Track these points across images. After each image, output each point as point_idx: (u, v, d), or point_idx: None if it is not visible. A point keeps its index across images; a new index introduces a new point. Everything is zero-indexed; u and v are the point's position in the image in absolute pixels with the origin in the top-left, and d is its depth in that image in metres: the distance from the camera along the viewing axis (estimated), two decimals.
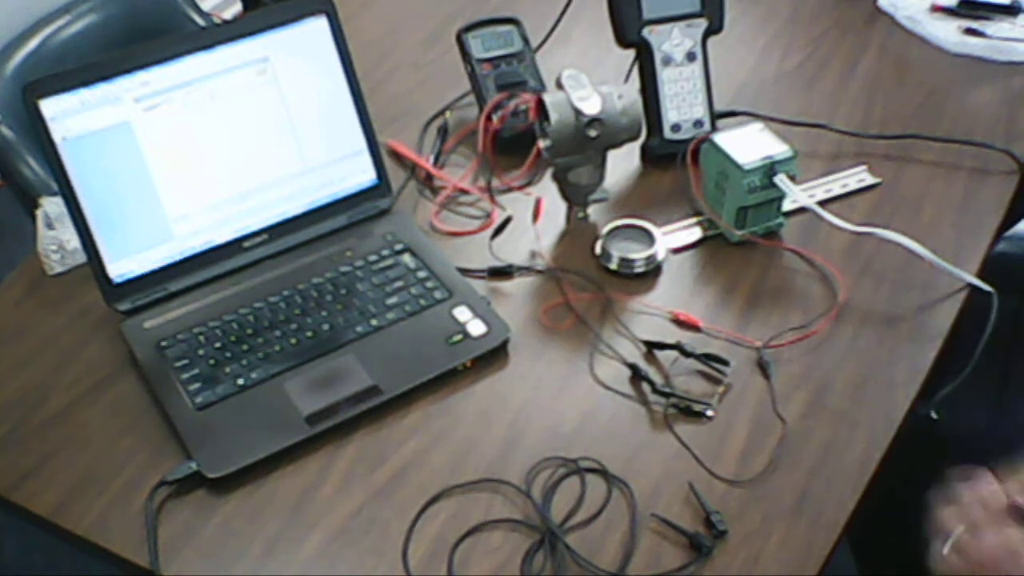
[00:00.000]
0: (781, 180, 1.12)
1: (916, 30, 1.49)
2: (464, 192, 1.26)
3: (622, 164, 1.27)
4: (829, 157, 1.29)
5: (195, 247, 1.13)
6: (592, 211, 1.22)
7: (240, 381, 1.03)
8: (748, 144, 1.13)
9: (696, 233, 1.19)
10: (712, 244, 1.19)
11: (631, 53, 1.28)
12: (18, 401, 1.05)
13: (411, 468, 0.98)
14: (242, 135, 1.13)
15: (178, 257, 1.12)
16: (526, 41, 1.34)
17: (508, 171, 1.25)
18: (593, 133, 1.13)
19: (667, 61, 1.26)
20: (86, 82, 1.04)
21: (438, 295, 1.11)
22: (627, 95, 1.15)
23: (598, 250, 1.17)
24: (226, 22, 2.19)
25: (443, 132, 1.34)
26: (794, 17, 1.54)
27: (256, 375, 1.04)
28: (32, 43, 1.58)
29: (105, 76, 1.05)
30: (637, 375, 1.04)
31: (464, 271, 1.15)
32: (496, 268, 1.16)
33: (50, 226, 1.18)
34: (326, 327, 1.08)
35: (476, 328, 1.07)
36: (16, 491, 0.97)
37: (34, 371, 1.08)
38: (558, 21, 1.42)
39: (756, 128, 1.16)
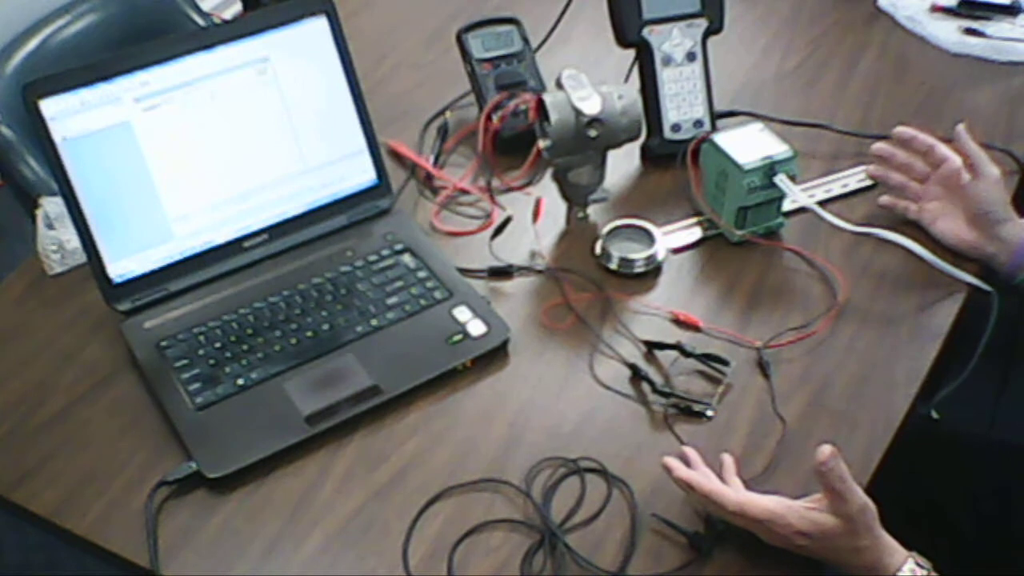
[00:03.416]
0: (781, 180, 1.12)
1: (916, 30, 1.49)
2: (464, 192, 1.26)
3: (622, 164, 1.27)
4: (829, 157, 1.29)
5: (195, 247, 1.13)
6: (592, 211, 1.22)
7: (240, 381, 1.03)
8: (748, 144, 1.13)
9: (696, 233, 1.19)
10: (712, 244, 1.19)
11: (631, 53, 1.28)
12: (18, 401, 1.05)
13: (411, 468, 0.98)
14: (242, 135, 1.13)
15: (178, 257, 1.12)
16: (526, 41, 1.34)
17: (508, 171, 1.25)
18: (593, 133, 1.13)
19: (667, 61, 1.26)
20: (86, 82, 1.04)
21: (438, 295, 1.11)
22: (627, 95, 1.15)
23: (598, 250, 1.17)
24: (226, 22, 2.19)
25: (443, 132, 1.34)
26: (794, 17, 1.54)
27: (256, 375, 1.04)
28: (32, 43, 1.58)
29: (105, 76, 1.05)
30: (637, 375, 1.04)
31: (464, 271, 1.15)
32: (496, 268, 1.16)
33: (50, 226, 1.18)
34: (326, 327, 1.08)
35: (476, 328, 1.07)
36: (16, 491, 0.97)
37: (34, 371, 1.08)
38: (558, 21, 1.42)
39: (756, 128, 1.16)
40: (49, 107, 1.03)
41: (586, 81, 1.15)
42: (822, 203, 1.18)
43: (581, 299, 1.13)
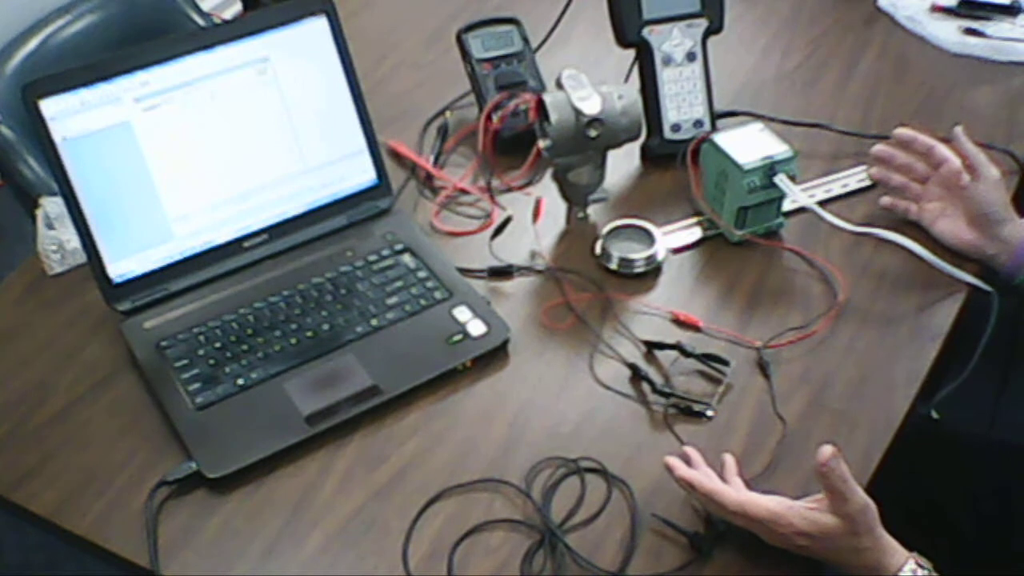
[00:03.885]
0: (781, 180, 1.12)
1: (916, 30, 1.49)
2: (464, 192, 1.26)
3: (622, 164, 1.27)
4: (829, 157, 1.29)
5: (195, 247, 1.13)
6: (592, 211, 1.22)
7: (240, 381, 1.03)
8: (748, 144, 1.13)
9: (696, 233, 1.19)
10: (712, 244, 1.19)
11: (631, 53, 1.28)
12: (18, 401, 1.05)
13: (411, 468, 0.98)
14: (242, 135, 1.13)
15: (178, 257, 1.12)
16: (526, 41, 1.34)
17: (508, 171, 1.25)
18: (593, 133, 1.13)
19: (667, 61, 1.26)
20: (86, 82, 1.04)
21: (438, 295, 1.11)
22: (627, 95, 1.15)
23: (598, 250, 1.17)
24: (226, 22, 2.19)
25: (443, 132, 1.34)
26: (794, 17, 1.54)
27: (256, 375, 1.04)
28: (32, 43, 1.58)
29: (105, 76, 1.05)
30: (637, 375, 1.04)
31: (464, 271, 1.15)
32: (496, 268, 1.16)
33: (50, 226, 1.18)
34: (326, 327, 1.08)
35: (476, 328, 1.07)
36: (16, 491, 0.97)
37: (34, 371, 1.08)
38: (558, 21, 1.42)
39: (756, 128, 1.16)
40: (49, 107, 1.03)
41: (586, 81, 1.15)
42: (822, 203, 1.18)
43: (581, 299, 1.13)
